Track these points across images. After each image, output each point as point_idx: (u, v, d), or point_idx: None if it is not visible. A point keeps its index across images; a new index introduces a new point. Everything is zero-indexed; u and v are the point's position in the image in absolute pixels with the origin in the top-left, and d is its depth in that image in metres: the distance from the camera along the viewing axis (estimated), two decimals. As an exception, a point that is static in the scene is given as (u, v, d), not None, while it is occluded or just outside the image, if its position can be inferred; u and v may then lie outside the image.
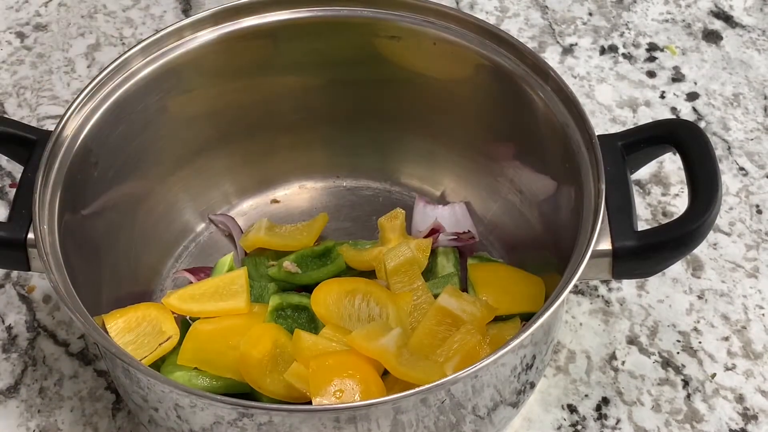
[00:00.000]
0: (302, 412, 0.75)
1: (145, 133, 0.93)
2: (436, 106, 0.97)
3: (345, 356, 0.81)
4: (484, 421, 0.82)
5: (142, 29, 1.19)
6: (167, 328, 0.86)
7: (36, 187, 0.83)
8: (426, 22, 0.92)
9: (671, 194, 1.03)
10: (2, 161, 1.09)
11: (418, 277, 0.89)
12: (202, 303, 0.88)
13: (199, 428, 0.78)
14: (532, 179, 0.93)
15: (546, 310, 0.76)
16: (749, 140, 1.07)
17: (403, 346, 0.82)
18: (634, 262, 0.81)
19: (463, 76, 0.93)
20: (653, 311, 0.96)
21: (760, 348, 0.94)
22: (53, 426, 0.91)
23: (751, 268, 0.99)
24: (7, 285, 0.99)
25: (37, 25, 1.20)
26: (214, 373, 0.85)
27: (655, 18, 1.18)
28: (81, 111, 0.88)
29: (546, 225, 0.92)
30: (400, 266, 0.89)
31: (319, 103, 0.99)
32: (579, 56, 1.15)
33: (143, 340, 0.86)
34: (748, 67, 1.13)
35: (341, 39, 0.95)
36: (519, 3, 1.20)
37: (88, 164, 0.88)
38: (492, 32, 0.91)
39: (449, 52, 0.92)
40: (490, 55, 0.91)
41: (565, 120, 0.86)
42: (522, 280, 0.91)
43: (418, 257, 0.91)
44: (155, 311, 0.88)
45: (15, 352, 0.95)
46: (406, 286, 0.89)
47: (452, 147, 0.98)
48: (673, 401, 0.91)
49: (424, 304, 0.88)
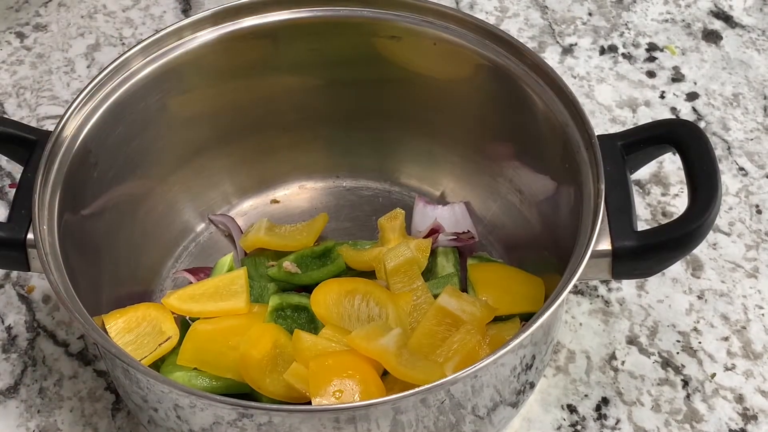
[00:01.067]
0: (302, 412, 0.75)
1: (145, 133, 0.93)
2: (435, 106, 0.97)
3: (345, 356, 0.81)
4: (484, 422, 0.82)
5: (142, 29, 1.19)
6: (167, 329, 0.86)
7: (36, 187, 0.83)
8: (426, 22, 0.92)
9: (671, 194, 1.03)
10: (2, 161, 1.09)
11: (418, 277, 0.89)
12: (202, 303, 0.88)
13: (199, 428, 0.78)
14: (532, 179, 0.93)
15: (546, 310, 0.76)
16: (749, 140, 1.07)
17: (402, 346, 0.82)
18: (633, 262, 0.81)
19: (463, 76, 0.93)
20: (653, 311, 0.96)
21: (759, 348, 0.94)
22: (53, 426, 0.91)
23: (750, 268, 0.99)
24: (6, 285, 0.99)
25: (36, 25, 1.20)
26: (213, 373, 0.85)
27: (654, 18, 1.18)
28: (81, 111, 0.88)
29: (546, 225, 0.92)
30: (400, 266, 0.89)
31: (319, 103, 0.99)
32: (579, 56, 1.15)
33: (143, 341, 0.86)
34: (747, 67, 1.13)
35: (341, 39, 0.95)
36: (519, 3, 1.20)
37: (87, 164, 0.88)
38: (492, 32, 0.91)
39: (449, 52, 0.92)
40: (490, 55, 0.91)
41: (565, 120, 0.86)
42: (522, 280, 0.91)
43: (418, 257, 0.91)
44: (155, 311, 0.88)
45: (15, 353, 0.95)
46: (405, 286, 0.89)
47: (452, 147, 0.98)
48: (672, 401, 0.91)
49: (424, 305, 0.88)
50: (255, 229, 0.97)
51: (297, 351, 0.83)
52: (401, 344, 0.81)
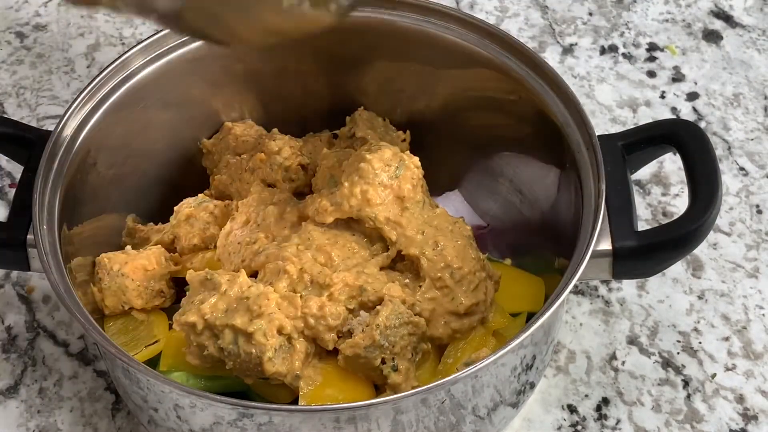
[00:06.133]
0: (302, 412, 0.75)
1: (145, 133, 0.93)
2: (435, 106, 0.97)
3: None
4: (484, 422, 0.82)
5: (142, 29, 1.19)
6: (158, 332, 0.86)
7: (36, 187, 0.83)
8: (426, 22, 0.92)
9: (671, 194, 1.03)
10: (2, 161, 1.09)
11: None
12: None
13: (199, 428, 0.78)
14: (532, 179, 0.93)
15: (546, 310, 0.76)
16: (749, 140, 1.07)
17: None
18: (634, 262, 0.81)
19: (463, 76, 0.93)
20: (653, 311, 0.96)
21: (760, 348, 0.94)
22: (53, 426, 0.90)
23: (751, 268, 0.99)
24: (6, 285, 0.99)
25: (36, 25, 1.20)
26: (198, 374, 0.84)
27: (655, 18, 1.18)
28: (81, 111, 0.88)
29: (546, 225, 0.92)
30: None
31: (319, 105, 0.99)
32: (579, 56, 1.15)
33: (135, 343, 0.86)
34: (748, 67, 1.13)
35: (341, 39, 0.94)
36: (519, 3, 1.20)
37: (87, 164, 0.88)
38: (492, 32, 0.91)
39: (449, 52, 0.92)
40: (490, 55, 0.91)
41: (566, 120, 0.86)
42: (522, 280, 0.91)
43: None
44: (155, 317, 0.88)
45: (15, 353, 0.95)
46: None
47: (452, 147, 0.98)
48: (673, 401, 0.91)
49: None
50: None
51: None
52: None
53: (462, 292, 0.83)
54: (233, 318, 0.79)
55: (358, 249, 0.86)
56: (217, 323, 0.79)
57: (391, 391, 0.80)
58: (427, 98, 0.97)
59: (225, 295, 0.80)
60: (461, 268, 0.84)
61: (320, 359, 0.82)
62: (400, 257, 0.87)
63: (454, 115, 0.96)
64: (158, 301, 0.89)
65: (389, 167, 0.87)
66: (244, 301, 0.80)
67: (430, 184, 0.91)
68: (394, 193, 0.87)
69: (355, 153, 0.89)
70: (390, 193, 0.86)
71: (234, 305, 0.80)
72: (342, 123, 0.98)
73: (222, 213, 0.92)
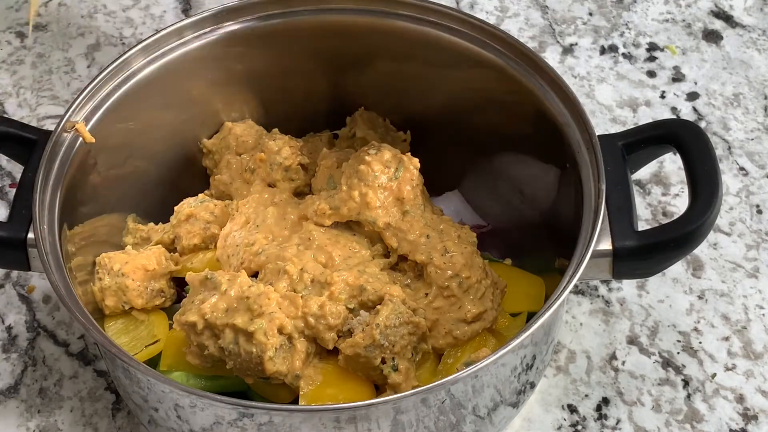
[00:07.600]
0: (302, 412, 0.75)
1: (146, 133, 0.93)
2: (436, 106, 0.97)
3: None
4: (484, 421, 0.82)
5: (142, 29, 1.19)
6: (158, 333, 0.86)
7: (36, 187, 0.83)
8: (426, 22, 0.92)
9: (671, 194, 1.03)
10: (2, 161, 1.09)
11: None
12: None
13: (199, 428, 0.78)
14: (533, 179, 0.93)
15: (546, 310, 0.76)
16: (749, 140, 1.07)
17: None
18: (634, 262, 0.81)
19: (463, 76, 0.93)
20: (653, 311, 0.96)
21: (760, 348, 0.94)
22: (53, 426, 0.90)
23: (751, 268, 0.99)
24: (7, 285, 0.99)
25: (37, 25, 1.20)
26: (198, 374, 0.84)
27: (655, 18, 1.18)
28: (81, 111, 0.88)
29: (546, 225, 0.92)
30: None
31: (320, 105, 0.99)
32: (579, 56, 1.15)
33: (136, 343, 0.86)
34: (748, 66, 1.13)
35: (342, 39, 0.94)
36: (519, 3, 1.20)
37: (87, 164, 0.88)
38: (492, 32, 0.90)
39: (450, 52, 0.92)
40: (490, 55, 0.91)
41: (565, 120, 0.86)
42: (522, 280, 0.91)
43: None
44: (156, 317, 0.88)
45: (15, 353, 0.95)
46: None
47: (452, 147, 0.98)
48: (673, 401, 0.91)
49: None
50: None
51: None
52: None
53: (469, 300, 0.84)
54: (234, 317, 0.79)
55: (359, 248, 0.87)
56: (218, 323, 0.79)
57: (391, 391, 0.80)
58: (427, 98, 0.97)
59: (225, 294, 0.80)
60: (469, 278, 0.84)
61: (320, 359, 0.82)
62: (402, 258, 0.87)
63: (454, 115, 0.96)
64: (158, 301, 0.89)
65: (389, 169, 0.87)
66: (245, 301, 0.80)
67: (431, 184, 0.92)
68: (394, 194, 0.87)
69: (355, 154, 0.89)
70: (389, 195, 0.87)
71: (234, 305, 0.80)
72: (342, 123, 0.98)
73: (222, 213, 0.92)
